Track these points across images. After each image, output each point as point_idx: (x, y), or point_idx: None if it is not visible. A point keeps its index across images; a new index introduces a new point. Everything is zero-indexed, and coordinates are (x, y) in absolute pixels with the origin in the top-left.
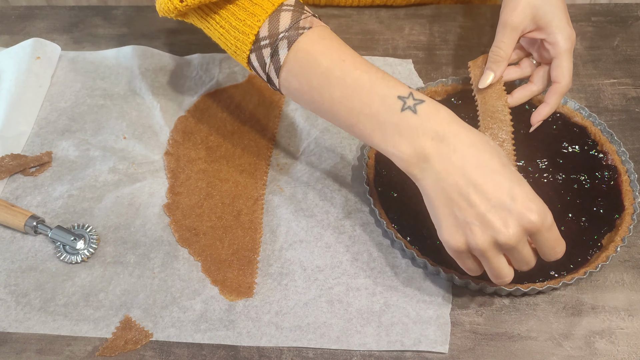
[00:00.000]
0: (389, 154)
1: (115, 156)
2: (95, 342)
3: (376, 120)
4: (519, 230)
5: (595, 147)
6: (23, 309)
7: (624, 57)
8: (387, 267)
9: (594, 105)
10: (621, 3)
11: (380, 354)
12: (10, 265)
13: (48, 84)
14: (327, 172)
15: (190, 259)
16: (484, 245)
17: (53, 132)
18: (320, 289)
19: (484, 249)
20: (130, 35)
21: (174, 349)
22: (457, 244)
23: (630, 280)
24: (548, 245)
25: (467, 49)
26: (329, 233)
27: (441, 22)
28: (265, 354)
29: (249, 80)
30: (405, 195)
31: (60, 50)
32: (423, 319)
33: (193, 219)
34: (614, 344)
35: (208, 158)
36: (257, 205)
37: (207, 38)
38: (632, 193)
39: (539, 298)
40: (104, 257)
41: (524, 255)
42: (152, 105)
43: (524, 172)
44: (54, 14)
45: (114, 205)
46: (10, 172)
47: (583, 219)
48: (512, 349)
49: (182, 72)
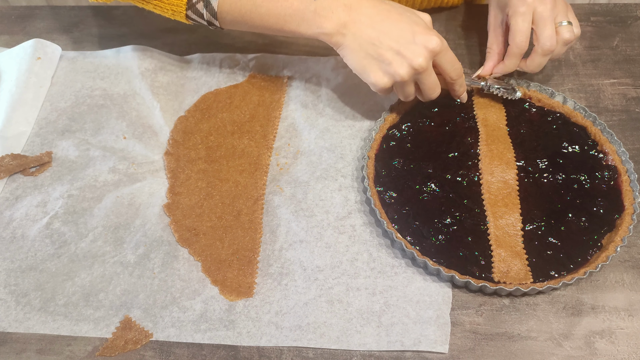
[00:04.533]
0: (316, 34)
1: (115, 156)
2: (95, 342)
3: (299, 15)
4: (427, 55)
5: (595, 147)
6: (23, 309)
7: (624, 57)
8: (387, 267)
9: (594, 105)
10: (620, 3)
11: (380, 354)
12: (10, 265)
13: (48, 84)
14: (327, 172)
15: (190, 259)
16: (404, 75)
17: (53, 132)
18: (320, 289)
19: (405, 78)
20: (130, 35)
21: (174, 349)
22: (384, 81)
23: (630, 280)
24: (450, 62)
25: (467, 49)
26: (329, 233)
27: (441, 22)
28: (265, 354)
29: (249, 80)
30: (405, 195)
31: (60, 50)
32: (423, 319)
33: (193, 219)
34: (614, 344)
35: (208, 158)
36: (257, 205)
37: (207, 38)
38: (632, 193)
39: (539, 298)
40: (103, 257)
41: (432, 80)
42: (152, 105)
43: (524, 172)
44: (54, 14)
45: (114, 205)
46: (10, 172)
47: (583, 219)
48: (512, 349)
49: (182, 72)
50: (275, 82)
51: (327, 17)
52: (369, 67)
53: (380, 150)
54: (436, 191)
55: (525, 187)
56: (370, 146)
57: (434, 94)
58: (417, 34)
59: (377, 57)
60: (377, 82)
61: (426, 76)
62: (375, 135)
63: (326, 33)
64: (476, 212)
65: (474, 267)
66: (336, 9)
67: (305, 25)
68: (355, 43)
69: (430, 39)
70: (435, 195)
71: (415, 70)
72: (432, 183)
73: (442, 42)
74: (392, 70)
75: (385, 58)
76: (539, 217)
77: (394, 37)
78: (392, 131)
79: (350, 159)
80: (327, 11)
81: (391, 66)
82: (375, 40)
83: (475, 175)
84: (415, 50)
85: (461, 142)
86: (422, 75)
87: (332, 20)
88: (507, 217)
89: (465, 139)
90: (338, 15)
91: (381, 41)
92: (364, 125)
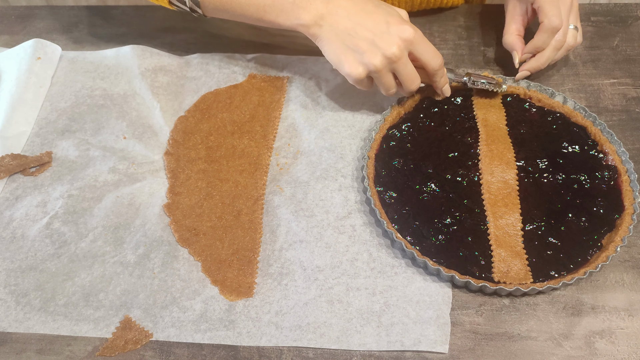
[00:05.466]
0: (294, 25)
1: (115, 156)
2: (95, 342)
3: (278, 6)
4: (400, 44)
5: (595, 147)
6: (23, 309)
7: (624, 57)
8: (387, 267)
9: (594, 105)
10: (621, 3)
11: (380, 354)
12: (10, 265)
13: (48, 84)
14: (327, 172)
15: (190, 259)
16: (377, 64)
17: (53, 132)
18: (320, 289)
19: (379, 68)
20: (130, 35)
21: (174, 349)
22: (358, 72)
23: (630, 280)
24: (427, 52)
25: (467, 49)
26: (329, 233)
27: (441, 22)
28: (265, 354)
29: (249, 80)
30: (405, 195)
31: (60, 50)
32: (423, 319)
33: (193, 219)
34: (614, 344)
35: (208, 158)
36: (257, 205)
37: (206, 38)
38: (632, 193)
39: (539, 298)
40: (103, 257)
41: (409, 71)
42: (152, 105)
43: (524, 172)
44: (54, 14)
45: (114, 205)
46: (10, 172)
47: (583, 219)
48: (512, 349)
49: (182, 72)
50: (275, 82)
51: (305, 9)
52: (344, 58)
53: (380, 150)
54: (436, 191)
55: (525, 187)
56: (370, 146)
57: (412, 85)
58: (391, 24)
59: (352, 48)
60: (351, 72)
61: (402, 66)
62: (375, 135)
63: (304, 24)
64: (476, 212)
65: (474, 267)
66: (314, 1)
67: (284, 16)
68: (332, 34)
69: (404, 29)
70: (435, 195)
71: (389, 59)
72: (432, 183)
73: (416, 32)
74: (366, 60)
75: (359, 48)
76: (539, 217)
77: (369, 27)
78: (392, 131)
79: (350, 159)
80: (305, 2)
81: (365, 56)
82: (350, 31)
83: (475, 175)
84: (388, 39)
85: (461, 142)
86: (398, 65)
87: (310, 12)
88: (507, 217)
89: (465, 139)
90: (316, 7)
91: (356, 32)
92: (364, 125)
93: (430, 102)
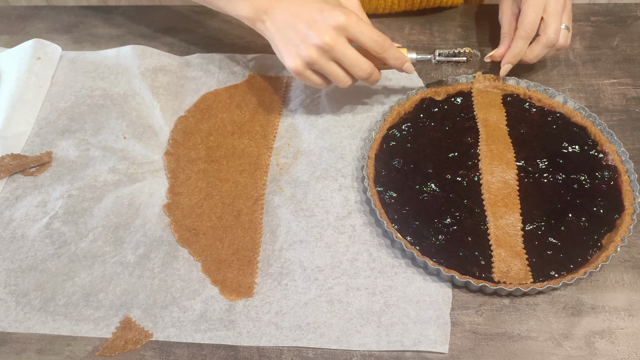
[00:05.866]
0: (239, 16)
1: (115, 156)
2: (95, 342)
3: None
4: (332, 31)
5: (595, 147)
6: (23, 309)
7: (624, 57)
8: (387, 267)
9: (594, 105)
10: (620, 3)
11: (380, 354)
12: (10, 265)
13: (48, 84)
14: (327, 172)
15: (190, 259)
16: (312, 54)
17: (53, 132)
18: (320, 289)
19: (315, 58)
20: (130, 35)
21: (174, 349)
22: (295, 64)
23: (630, 280)
24: (366, 35)
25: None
26: (329, 233)
27: (441, 22)
28: (265, 354)
29: (248, 80)
30: (405, 195)
31: (60, 50)
32: (423, 319)
33: (193, 219)
34: (614, 344)
35: (208, 158)
36: (257, 205)
37: (207, 38)
38: (632, 193)
39: (539, 298)
40: (103, 257)
41: (350, 56)
42: (152, 105)
43: (524, 172)
44: (54, 14)
45: (114, 205)
46: (10, 172)
47: (583, 219)
48: (512, 349)
49: (182, 72)
50: (275, 82)
51: (249, 2)
52: (284, 52)
53: (380, 150)
54: (436, 191)
55: (525, 187)
56: (370, 146)
57: (360, 71)
58: (324, 11)
59: (290, 41)
60: (289, 65)
61: (340, 53)
62: (375, 135)
63: (245, 17)
64: (476, 212)
65: (474, 267)
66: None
67: (230, 5)
68: (274, 28)
69: (335, 15)
70: (435, 195)
71: (323, 48)
72: (432, 183)
73: (349, 17)
74: (301, 52)
75: (295, 40)
76: (539, 217)
77: (304, 18)
78: (392, 131)
79: (350, 159)
80: None
81: (300, 48)
82: (289, 23)
83: (475, 175)
84: (320, 28)
85: (461, 142)
86: (335, 53)
87: (253, 6)
88: (507, 217)
89: (465, 139)
90: (260, 2)
91: (294, 23)
92: (364, 125)
93: (430, 102)
